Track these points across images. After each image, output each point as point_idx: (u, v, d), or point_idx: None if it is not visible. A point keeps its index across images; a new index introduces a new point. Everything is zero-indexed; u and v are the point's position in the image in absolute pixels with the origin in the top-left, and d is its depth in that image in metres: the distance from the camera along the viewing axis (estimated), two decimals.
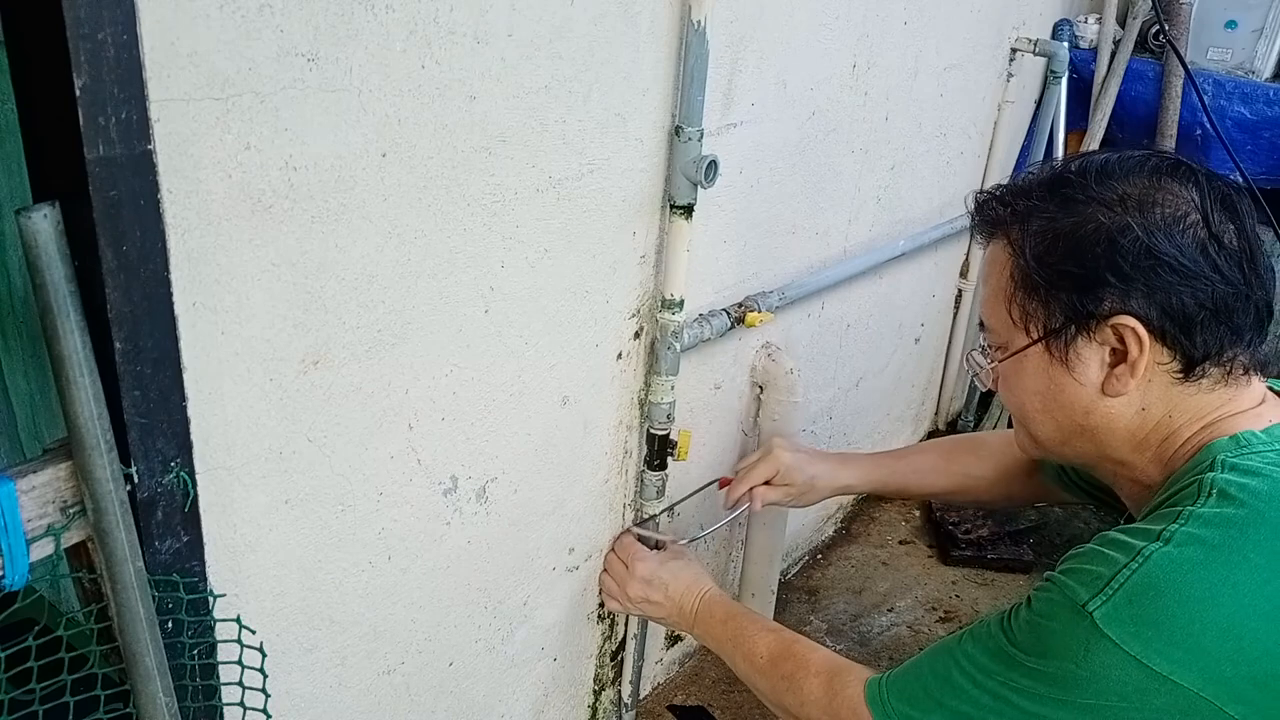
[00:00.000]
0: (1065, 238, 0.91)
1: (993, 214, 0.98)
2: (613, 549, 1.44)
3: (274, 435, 0.91)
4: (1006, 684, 0.90)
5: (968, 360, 1.11)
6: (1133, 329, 0.88)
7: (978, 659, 0.93)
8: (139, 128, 0.69)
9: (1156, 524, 0.85)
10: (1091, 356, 0.92)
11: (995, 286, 0.98)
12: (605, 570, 1.43)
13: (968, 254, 2.37)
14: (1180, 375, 0.90)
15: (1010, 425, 1.15)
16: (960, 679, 0.93)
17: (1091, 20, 2.27)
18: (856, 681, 1.05)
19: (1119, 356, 0.91)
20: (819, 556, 2.20)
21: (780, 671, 1.15)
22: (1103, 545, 0.87)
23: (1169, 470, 0.94)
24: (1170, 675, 0.80)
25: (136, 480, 0.76)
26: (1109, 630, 0.81)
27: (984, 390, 1.12)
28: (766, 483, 1.43)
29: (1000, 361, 1.01)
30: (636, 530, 1.44)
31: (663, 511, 1.46)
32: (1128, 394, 0.92)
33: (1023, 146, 2.35)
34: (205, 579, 0.85)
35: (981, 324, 1.05)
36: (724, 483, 1.49)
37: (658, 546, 1.43)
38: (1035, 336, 0.95)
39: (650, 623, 1.57)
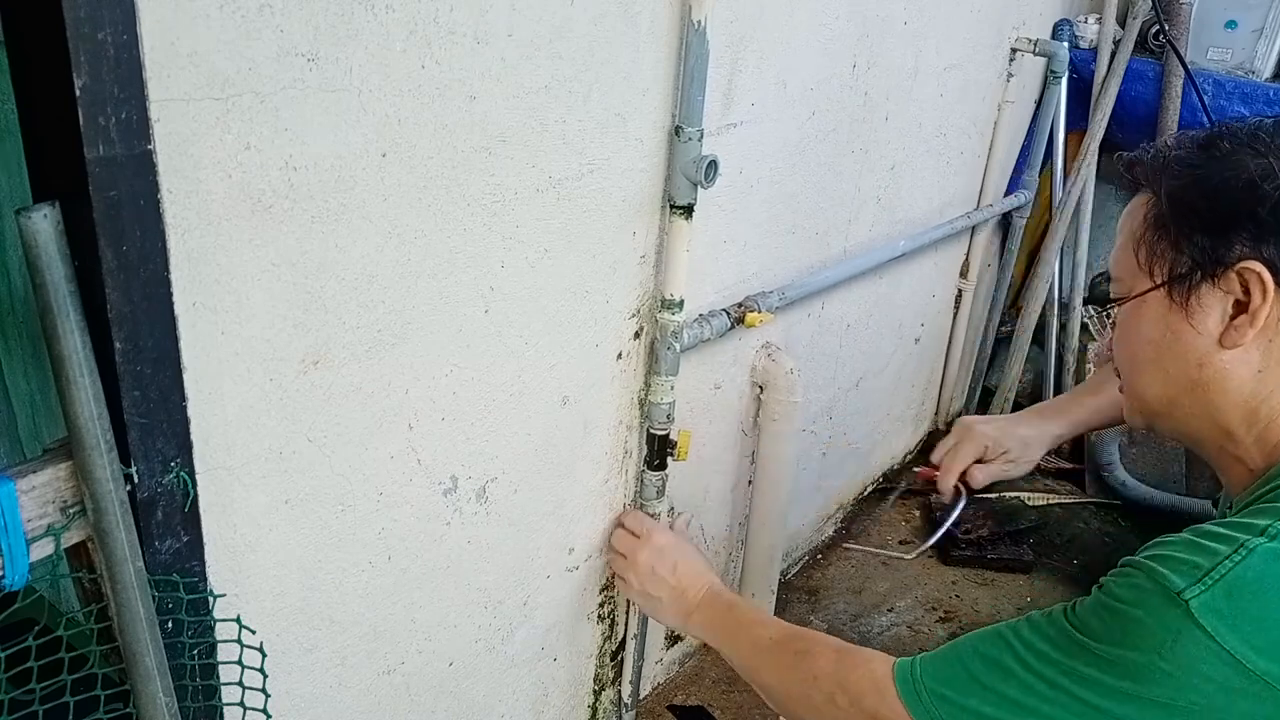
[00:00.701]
0: (1205, 181, 0.90)
1: (1140, 166, 0.98)
2: (620, 523, 1.41)
3: (274, 435, 0.91)
4: (1068, 672, 0.84)
5: (1085, 313, 1.11)
6: (1259, 274, 0.86)
7: (1035, 644, 0.88)
8: (139, 128, 0.69)
9: (1260, 519, 0.81)
10: (1214, 305, 0.89)
11: (1128, 233, 0.97)
12: (611, 545, 1.40)
13: (968, 254, 2.38)
14: None
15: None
16: (1011, 663, 0.88)
17: (1091, 20, 2.27)
18: (876, 659, 1.01)
19: (1241, 308, 0.88)
20: (819, 556, 2.20)
21: (790, 648, 1.10)
22: (1198, 537, 0.83)
23: (1271, 459, 0.90)
24: (1265, 674, 0.76)
25: (136, 480, 0.76)
26: (1204, 620, 0.76)
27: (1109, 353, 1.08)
28: (978, 461, 1.40)
29: (1120, 307, 0.98)
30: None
31: (672, 511, 1.46)
32: (1245, 347, 0.88)
33: (1023, 146, 2.35)
34: (205, 579, 0.85)
35: (1108, 277, 1.03)
36: (924, 475, 1.45)
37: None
38: (1159, 280, 0.93)
39: (650, 621, 1.57)
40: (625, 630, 1.58)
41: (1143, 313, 0.95)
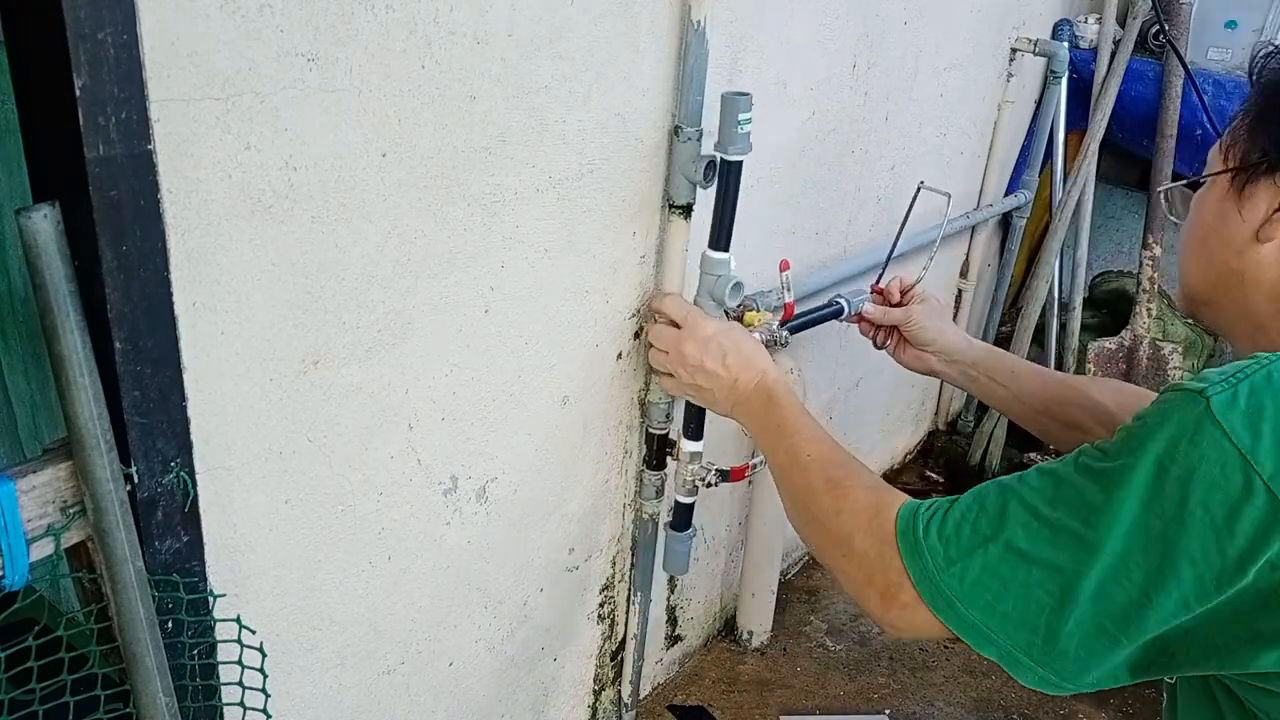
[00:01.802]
0: None
1: (1259, 57, 1.00)
2: (657, 310, 1.28)
3: (274, 435, 0.91)
4: (1066, 502, 0.80)
5: (1160, 192, 1.11)
6: None
7: (1044, 486, 0.83)
8: (139, 128, 0.69)
9: None
10: (1263, 198, 0.91)
11: (1229, 123, 0.99)
12: (650, 340, 1.28)
13: (967, 254, 2.37)
14: None
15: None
16: (1015, 509, 0.83)
17: (1091, 20, 2.27)
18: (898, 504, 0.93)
19: None
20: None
21: (826, 474, 1.01)
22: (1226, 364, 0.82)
23: None
24: (1271, 480, 0.73)
25: (136, 480, 0.76)
26: (1223, 417, 0.74)
27: (1176, 220, 1.07)
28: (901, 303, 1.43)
29: (1196, 189, 1.00)
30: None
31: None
32: (1277, 241, 0.89)
33: (1023, 146, 2.34)
34: (205, 579, 0.85)
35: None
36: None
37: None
38: (1229, 166, 0.94)
39: (650, 621, 1.57)
40: (625, 630, 1.58)
41: (1208, 195, 0.97)
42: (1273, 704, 0.82)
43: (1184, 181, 1.05)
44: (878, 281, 1.50)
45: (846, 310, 1.50)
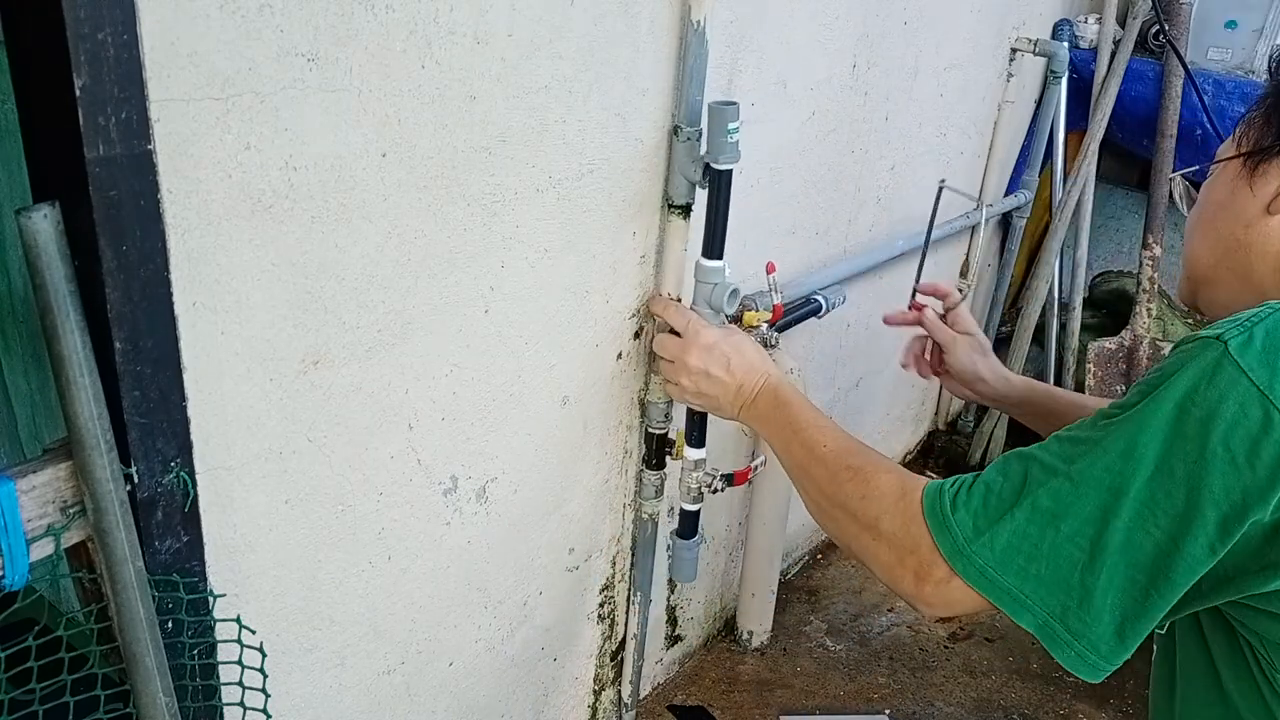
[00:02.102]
0: None
1: (1277, 53, 1.01)
2: (657, 316, 1.31)
3: (274, 435, 0.91)
4: (1089, 450, 0.81)
5: (1172, 180, 1.12)
6: None
7: (1063, 448, 0.84)
8: (139, 128, 0.69)
9: None
10: (1275, 175, 0.93)
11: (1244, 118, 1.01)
12: (655, 350, 1.29)
13: (968, 254, 2.37)
14: None
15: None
16: (1037, 472, 0.84)
17: (1091, 20, 2.27)
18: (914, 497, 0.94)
19: None
20: (819, 556, 2.20)
21: (846, 462, 1.02)
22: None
23: None
24: None
25: (136, 480, 0.76)
26: (1240, 357, 0.77)
27: (1185, 211, 1.10)
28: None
29: (1208, 171, 1.02)
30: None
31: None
32: None
33: (1023, 146, 2.34)
34: (205, 579, 0.85)
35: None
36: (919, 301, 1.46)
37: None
38: (1242, 150, 0.97)
39: (650, 621, 1.57)
40: (625, 630, 1.58)
41: (1219, 179, 0.99)
42: (1267, 624, 0.83)
43: (1193, 169, 1.06)
44: (912, 296, 1.49)
45: (824, 307, 1.49)
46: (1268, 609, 0.82)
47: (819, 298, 1.57)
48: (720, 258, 1.23)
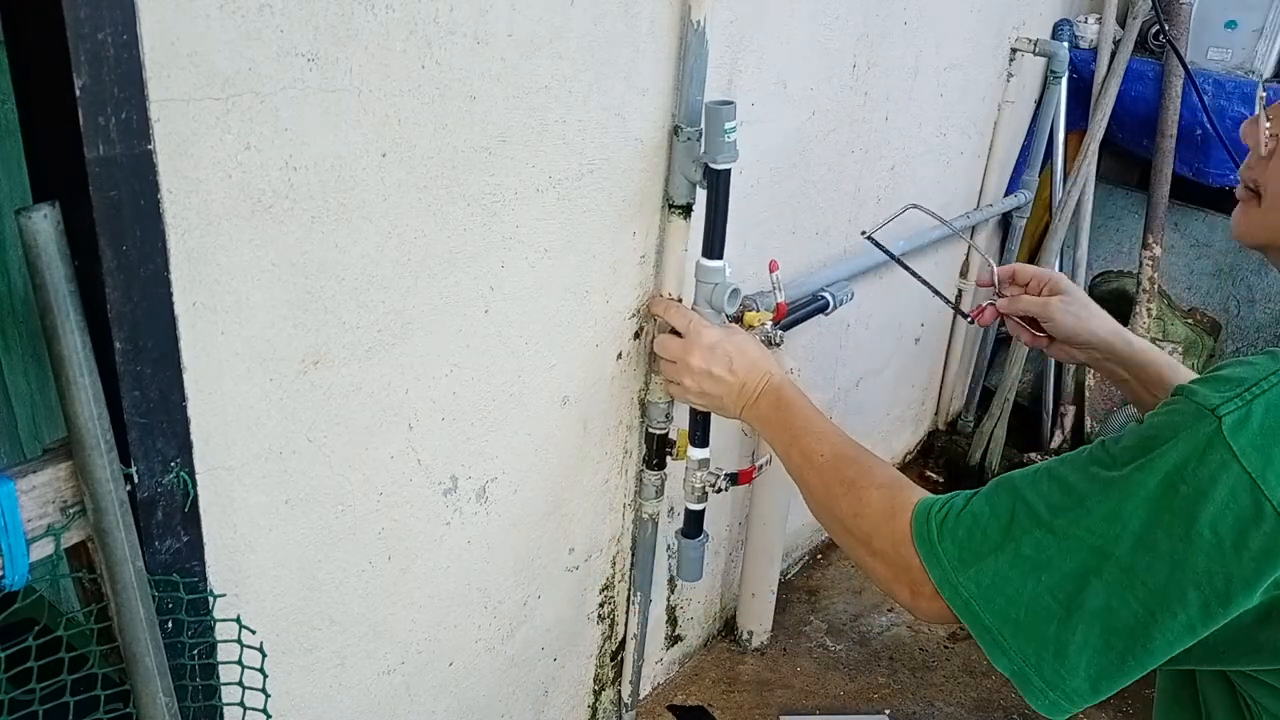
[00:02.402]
0: None
1: None
2: (658, 316, 1.30)
3: (274, 435, 0.91)
4: (1079, 513, 0.79)
5: (1245, 128, 1.04)
6: None
7: (1051, 492, 0.82)
8: (139, 128, 0.69)
9: None
10: None
11: None
12: (657, 351, 1.28)
13: (968, 254, 2.37)
14: None
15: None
16: (1022, 516, 0.82)
17: (1091, 20, 2.27)
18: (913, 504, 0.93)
19: None
20: (819, 556, 2.20)
21: (841, 475, 1.01)
22: (1252, 356, 0.79)
23: None
24: None
25: (136, 480, 0.76)
26: (1233, 439, 0.72)
27: (1265, 154, 0.98)
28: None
29: None
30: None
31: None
32: None
33: (1023, 146, 2.34)
34: (205, 579, 0.85)
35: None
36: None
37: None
38: None
39: (650, 621, 1.57)
40: (625, 630, 1.58)
41: None
42: (1262, 691, 0.82)
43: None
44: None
45: (831, 304, 1.48)
46: (1264, 680, 0.81)
47: (825, 295, 1.56)
48: (720, 257, 1.23)
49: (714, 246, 1.23)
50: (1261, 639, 0.77)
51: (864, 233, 1.45)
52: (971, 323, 1.36)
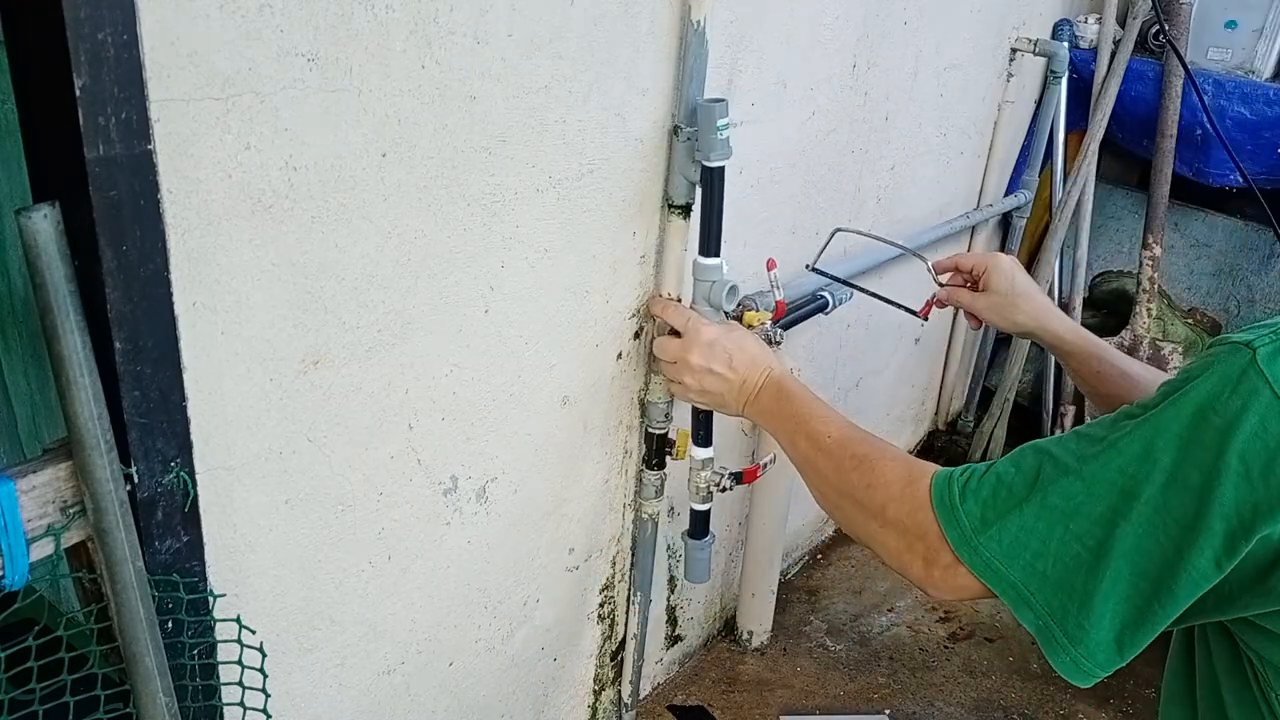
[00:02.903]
0: None
1: None
2: (657, 316, 1.29)
3: (274, 435, 0.91)
4: (1109, 455, 0.78)
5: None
6: None
7: (1079, 444, 0.82)
8: (139, 128, 0.69)
9: None
10: None
11: None
12: (656, 353, 1.28)
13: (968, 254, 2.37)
14: None
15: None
16: (1049, 469, 0.82)
17: (1091, 20, 2.27)
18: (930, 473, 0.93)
19: None
20: (819, 556, 2.20)
21: (851, 451, 1.01)
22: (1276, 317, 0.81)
23: None
24: None
25: (136, 480, 0.76)
26: (1267, 367, 0.73)
27: None
28: (973, 286, 1.31)
29: None
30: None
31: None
32: None
33: (1023, 146, 2.34)
34: (205, 579, 0.85)
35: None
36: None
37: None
38: None
39: (650, 621, 1.57)
40: (625, 630, 1.58)
41: None
42: (1267, 644, 0.82)
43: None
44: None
45: (831, 303, 1.48)
46: (1269, 627, 0.81)
47: (825, 294, 1.56)
48: (717, 255, 1.23)
49: (710, 244, 1.23)
50: (1273, 580, 0.77)
51: (808, 266, 1.49)
52: (925, 319, 1.41)
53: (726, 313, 1.26)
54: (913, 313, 1.45)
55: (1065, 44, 2.18)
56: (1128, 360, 1.28)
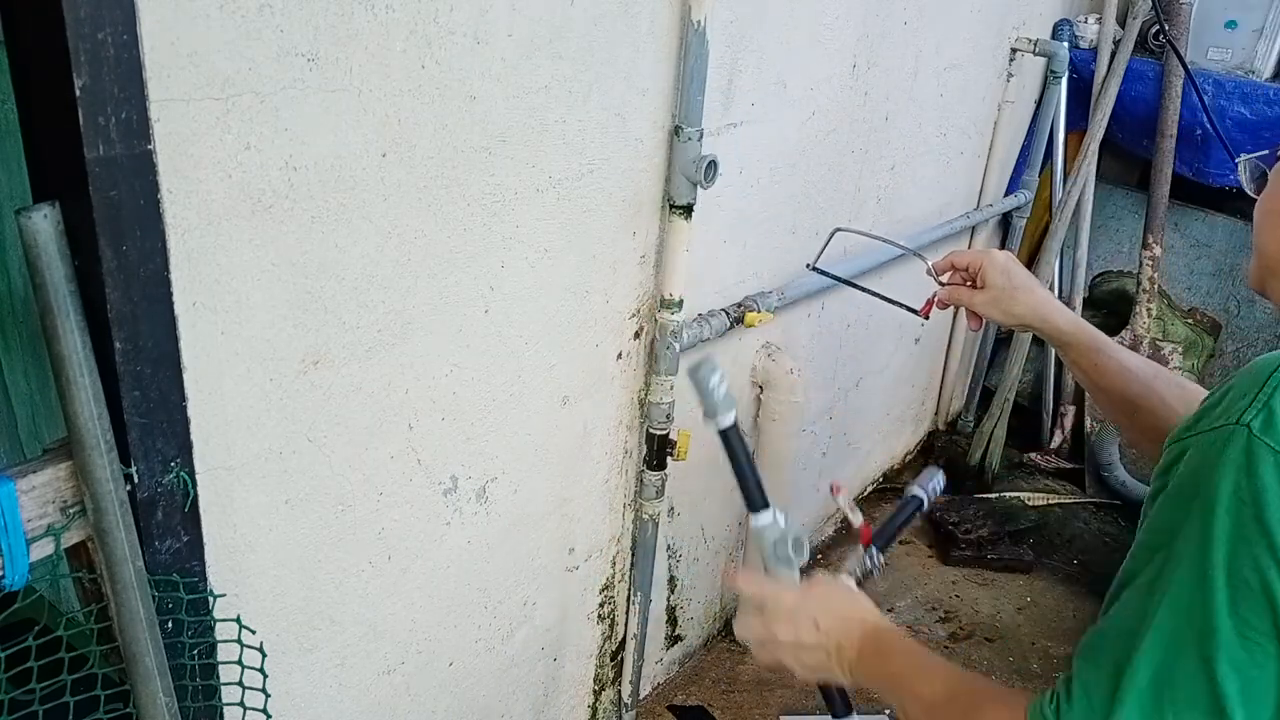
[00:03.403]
0: None
1: None
2: (734, 591, 1.20)
3: (274, 435, 0.91)
4: (1175, 603, 0.76)
5: (1239, 162, 1.06)
6: None
7: (1132, 598, 0.81)
8: (139, 128, 0.69)
9: None
10: None
11: None
12: (743, 639, 1.16)
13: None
14: None
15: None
16: (1123, 647, 0.80)
17: (1091, 20, 2.27)
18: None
19: None
20: (819, 556, 2.20)
21: (958, 705, 0.98)
22: (1223, 387, 0.81)
23: None
24: None
25: (136, 480, 0.76)
26: (1266, 436, 0.73)
27: (1252, 194, 1.03)
28: (972, 284, 1.30)
29: (1276, 163, 0.98)
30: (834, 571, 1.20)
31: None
32: None
33: (1023, 146, 2.34)
34: (205, 579, 0.85)
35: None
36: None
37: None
38: None
39: (650, 621, 1.57)
40: (625, 630, 1.58)
41: None
42: None
43: (1261, 153, 1.03)
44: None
45: (926, 502, 1.28)
46: None
47: (918, 492, 1.30)
48: (767, 506, 1.09)
49: (754, 499, 1.09)
50: None
51: (809, 265, 1.47)
52: (926, 318, 1.40)
53: (801, 566, 1.11)
54: (914, 311, 1.45)
55: (1065, 44, 2.18)
56: (1126, 353, 1.26)
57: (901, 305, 1.49)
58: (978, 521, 2.25)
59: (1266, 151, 1.02)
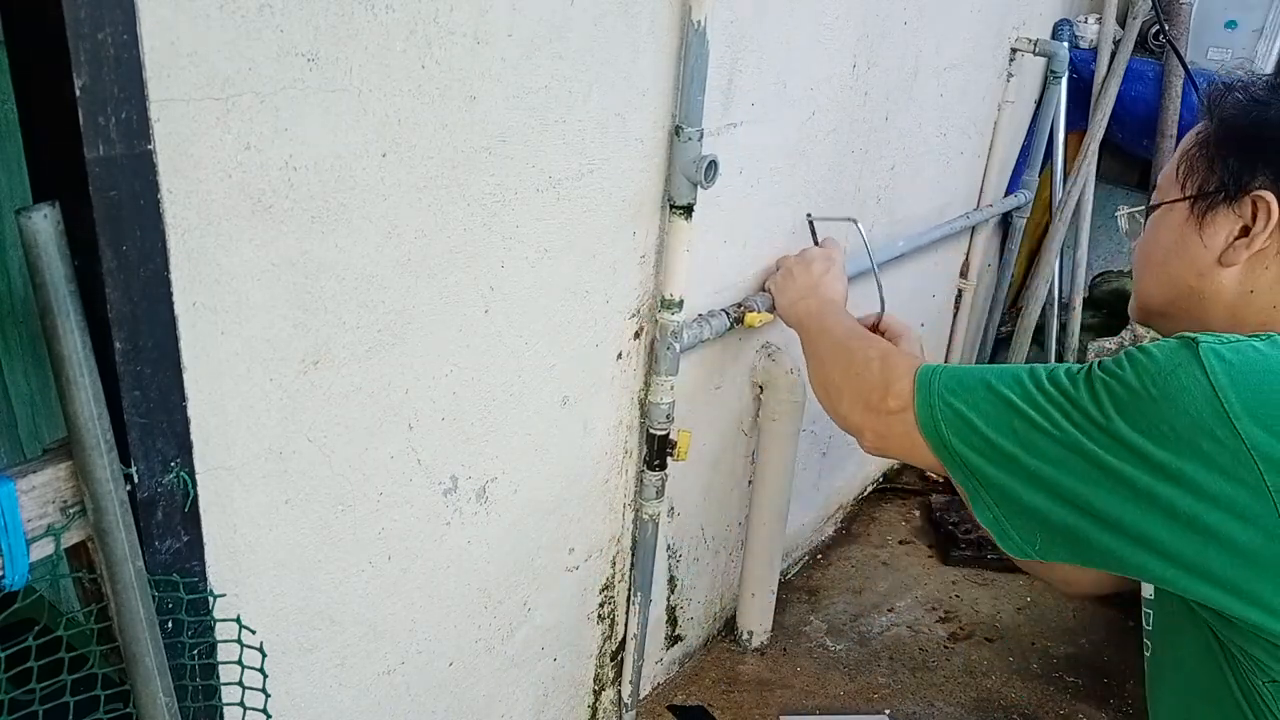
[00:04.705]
0: (1259, 113, 0.97)
1: (1212, 92, 1.04)
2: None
3: (274, 435, 0.91)
4: (1063, 416, 0.90)
5: (1119, 215, 1.19)
6: (1268, 204, 0.94)
7: (1048, 391, 0.93)
8: (139, 128, 0.69)
9: None
10: (1223, 226, 0.97)
11: (1180, 149, 1.05)
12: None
13: (967, 254, 2.37)
14: None
15: None
16: (1018, 401, 0.95)
17: (1091, 20, 2.27)
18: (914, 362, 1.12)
19: (1245, 232, 0.96)
20: (819, 556, 2.20)
21: (849, 344, 1.23)
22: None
23: None
24: (1246, 437, 0.79)
25: (136, 480, 0.76)
26: (1207, 359, 0.82)
27: (1131, 241, 1.18)
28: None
29: (1152, 211, 1.08)
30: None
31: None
32: (1238, 267, 0.97)
33: (1023, 146, 2.34)
34: (205, 579, 0.85)
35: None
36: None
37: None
38: (1188, 194, 1.01)
39: (650, 621, 1.58)
40: (625, 630, 1.58)
41: (1166, 220, 1.04)
42: (1253, 645, 0.85)
43: (1140, 208, 1.12)
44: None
45: None
46: (1235, 619, 0.83)
47: None
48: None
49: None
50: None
51: (809, 215, 1.66)
52: None
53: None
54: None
55: (1065, 44, 2.18)
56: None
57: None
58: (977, 522, 2.25)
59: (1142, 208, 1.10)
